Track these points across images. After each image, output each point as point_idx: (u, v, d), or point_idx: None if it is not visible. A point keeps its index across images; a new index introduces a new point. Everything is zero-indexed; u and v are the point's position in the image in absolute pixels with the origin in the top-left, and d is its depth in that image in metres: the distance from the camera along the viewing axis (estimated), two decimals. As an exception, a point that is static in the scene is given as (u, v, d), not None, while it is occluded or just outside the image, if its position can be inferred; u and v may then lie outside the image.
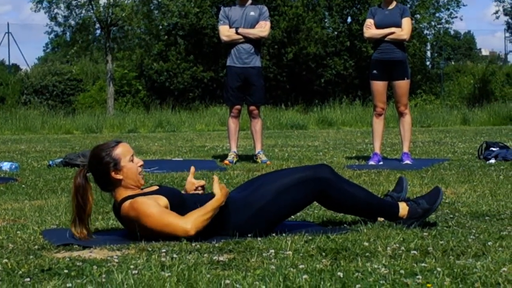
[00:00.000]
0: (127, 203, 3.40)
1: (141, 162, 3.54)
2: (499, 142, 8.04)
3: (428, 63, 31.56)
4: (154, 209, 3.33)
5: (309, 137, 13.05)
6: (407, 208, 3.63)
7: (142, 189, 3.53)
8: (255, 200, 3.49)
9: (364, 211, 3.67)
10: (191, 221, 3.31)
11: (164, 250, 3.09)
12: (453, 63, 35.54)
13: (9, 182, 6.01)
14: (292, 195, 3.50)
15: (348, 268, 2.70)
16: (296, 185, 3.51)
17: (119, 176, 3.45)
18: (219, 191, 3.42)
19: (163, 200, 3.40)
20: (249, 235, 3.38)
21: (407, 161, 7.29)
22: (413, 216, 3.60)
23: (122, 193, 3.47)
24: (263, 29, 7.73)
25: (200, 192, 3.68)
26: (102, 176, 3.46)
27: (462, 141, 10.96)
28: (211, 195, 3.45)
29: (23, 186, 5.75)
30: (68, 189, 5.48)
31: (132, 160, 3.48)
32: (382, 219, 3.69)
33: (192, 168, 3.79)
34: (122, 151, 3.47)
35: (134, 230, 3.39)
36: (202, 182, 3.72)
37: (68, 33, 24.84)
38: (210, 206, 3.38)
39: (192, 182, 3.73)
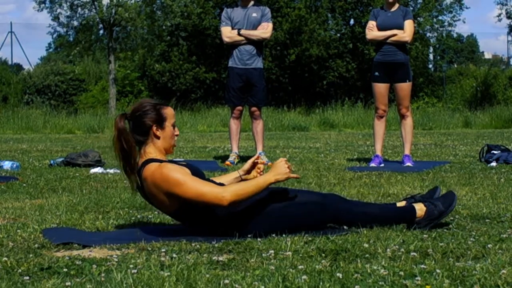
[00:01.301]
0: (153, 165, 3.38)
1: (178, 132, 3.57)
2: (501, 145, 8.03)
3: (430, 65, 31.62)
4: (187, 177, 3.33)
5: (310, 139, 13.04)
6: (424, 208, 3.61)
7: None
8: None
9: (383, 223, 3.60)
10: (229, 190, 3.32)
11: (163, 250, 3.09)
12: (455, 66, 35.55)
13: (10, 181, 6.01)
14: (300, 221, 3.47)
15: (347, 269, 2.70)
16: (304, 213, 3.46)
17: (158, 133, 3.46)
18: (273, 171, 3.38)
19: (188, 172, 3.39)
20: (249, 235, 3.38)
21: (409, 164, 7.28)
22: (429, 217, 3.58)
23: (150, 151, 3.45)
24: (265, 30, 7.73)
25: (259, 170, 3.68)
26: (143, 126, 3.45)
27: (463, 144, 10.95)
28: None
29: (24, 185, 5.76)
30: (69, 188, 5.49)
31: (174, 126, 3.52)
32: None
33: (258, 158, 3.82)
34: (169, 113, 3.51)
35: (149, 193, 3.39)
36: (264, 160, 3.72)
37: (71, 33, 24.89)
38: (253, 181, 3.39)
39: (250, 162, 3.75)
